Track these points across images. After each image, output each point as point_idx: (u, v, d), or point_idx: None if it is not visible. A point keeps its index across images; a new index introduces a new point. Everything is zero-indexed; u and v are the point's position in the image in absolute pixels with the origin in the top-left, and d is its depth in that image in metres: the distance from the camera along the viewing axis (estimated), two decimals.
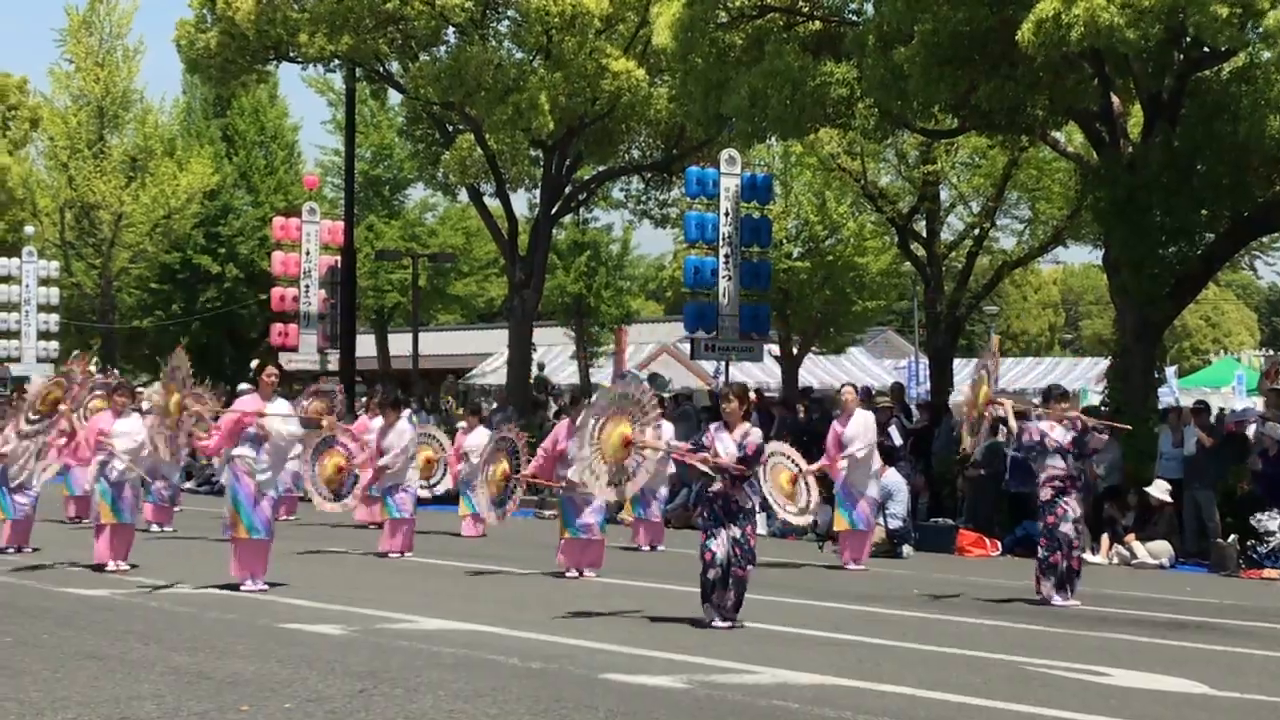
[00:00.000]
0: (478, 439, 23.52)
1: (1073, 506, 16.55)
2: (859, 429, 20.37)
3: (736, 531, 13.73)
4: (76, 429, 18.72)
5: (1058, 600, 16.38)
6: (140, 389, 25.26)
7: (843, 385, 23.04)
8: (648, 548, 22.59)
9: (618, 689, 10.57)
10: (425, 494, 23.53)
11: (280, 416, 16.42)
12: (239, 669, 11.10)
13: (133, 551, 18.54)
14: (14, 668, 11.03)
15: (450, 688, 10.45)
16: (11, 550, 19.78)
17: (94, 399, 20.90)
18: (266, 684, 10.47)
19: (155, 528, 23.28)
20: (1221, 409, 29.44)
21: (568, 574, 18.21)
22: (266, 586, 16.01)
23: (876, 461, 20.70)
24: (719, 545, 13.67)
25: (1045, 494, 16.66)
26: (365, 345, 51.16)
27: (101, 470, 18.15)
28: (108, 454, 18.13)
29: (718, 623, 13.64)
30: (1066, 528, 16.48)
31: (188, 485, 30.17)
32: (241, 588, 15.92)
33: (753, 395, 18.86)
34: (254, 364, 16.93)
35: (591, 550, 18.43)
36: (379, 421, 22.12)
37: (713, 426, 14.29)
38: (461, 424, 26.49)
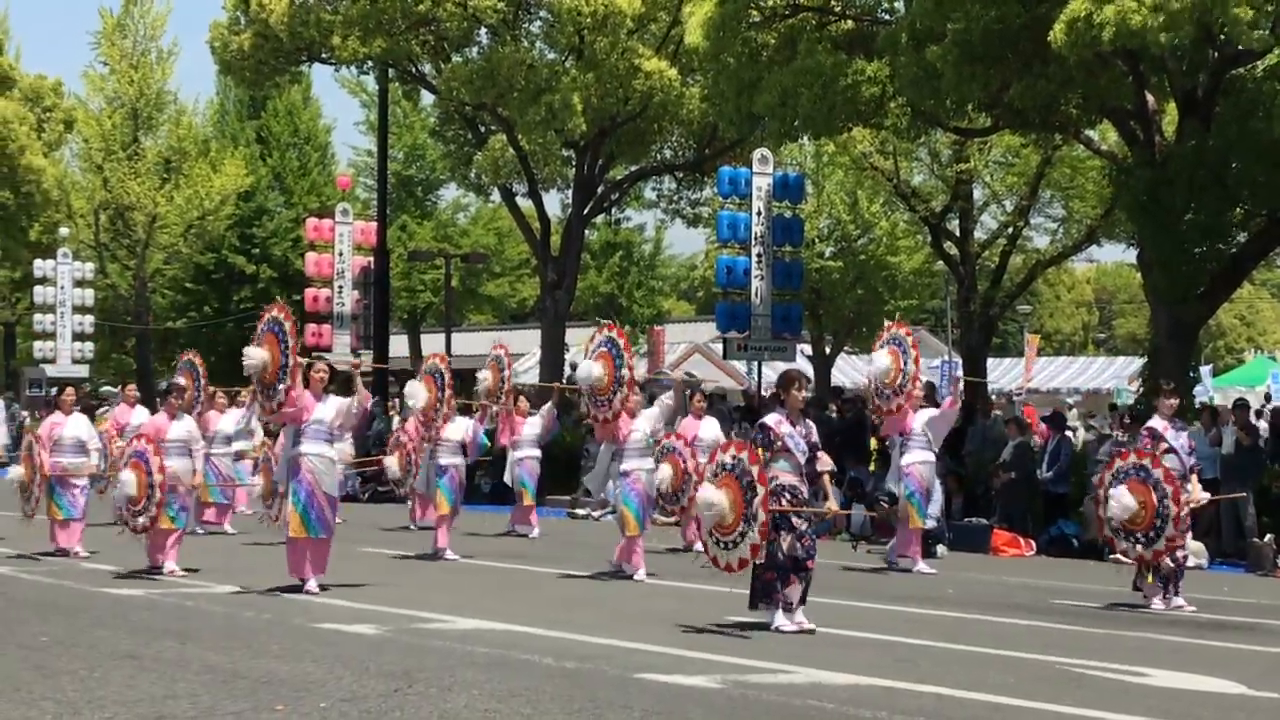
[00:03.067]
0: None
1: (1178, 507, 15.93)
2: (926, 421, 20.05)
3: (804, 525, 13.44)
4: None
5: (1158, 604, 16.03)
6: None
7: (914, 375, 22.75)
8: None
9: (653, 689, 10.54)
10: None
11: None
12: (274, 668, 11.10)
13: (184, 553, 18.52)
14: (51, 667, 11.05)
15: (484, 687, 10.44)
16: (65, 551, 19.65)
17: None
18: (301, 684, 10.47)
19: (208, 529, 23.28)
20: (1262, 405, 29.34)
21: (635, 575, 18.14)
22: (317, 589, 15.86)
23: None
24: (788, 541, 13.30)
25: None
26: (398, 345, 51.34)
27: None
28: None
29: (784, 624, 13.27)
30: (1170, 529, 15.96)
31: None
32: (309, 591, 15.75)
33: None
34: (303, 361, 16.65)
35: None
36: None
37: (781, 421, 13.66)
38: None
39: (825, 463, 14.03)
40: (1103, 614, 15.86)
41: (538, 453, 25.15)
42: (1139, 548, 15.81)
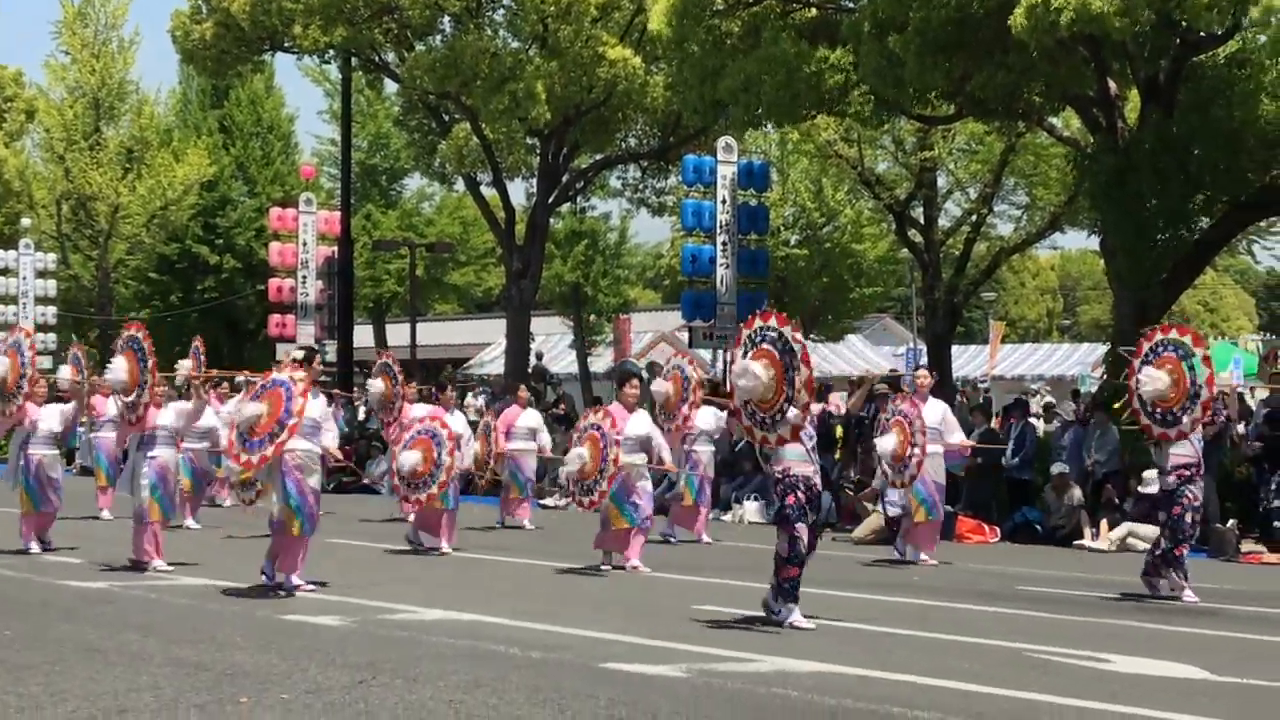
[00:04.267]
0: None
1: (1196, 495, 15.83)
2: (936, 418, 19.86)
3: (814, 517, 13.27)
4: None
5: (1190, 596, 15.67)
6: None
7: (918, 367, 22.73)
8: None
9: (618, 678, 10.55)
10: None
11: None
12: (239, 661, 11.08)
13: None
14: (14, 662, 11.01)
15: (450, 679, 10.43)
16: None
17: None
18: (266, 676, 10.46)
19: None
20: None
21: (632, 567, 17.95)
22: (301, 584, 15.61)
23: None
24: (806, 534, 13.06)
25: (1170, 482, 15.82)
26: (363, 335, 51.17)
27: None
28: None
29: (800, 621, 13.02)
30: (1191, 518, 15.83)
31: None
32: (300, 589, 15.41)
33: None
34: (299, 354, 16.57)
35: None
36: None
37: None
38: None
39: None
40: (1067, 600, 15.90)
41: (531, 445, 25.04)
42: (1168, 429, 15.46)
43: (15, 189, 51.54)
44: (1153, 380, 15.31)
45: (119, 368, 17.59)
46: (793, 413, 12.70)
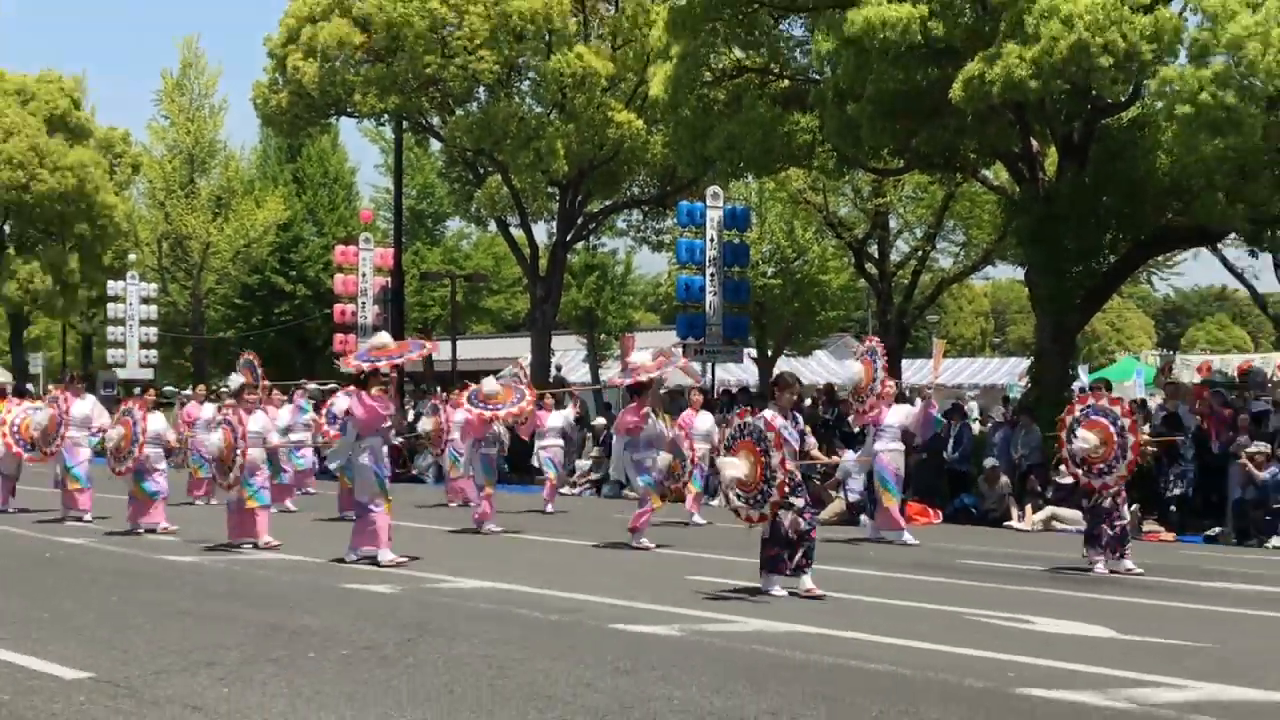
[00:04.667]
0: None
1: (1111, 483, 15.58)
2: (900, 416, 19.70)
3: (801, 501, 13.01)
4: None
5: (1100, 568, 15.55)
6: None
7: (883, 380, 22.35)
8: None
9: (624, 636, 10.54)
10: None
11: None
12: (307, 622, 11.07)
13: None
14: (121, 623, 11.01)
15: (484, 636, 10.42)
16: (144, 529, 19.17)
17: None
18: (329, 635, 10.45)
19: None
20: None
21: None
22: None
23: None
24: (789, 519, 12.79)
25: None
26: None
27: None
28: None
29: (806, 581, 12.85)
30: (1106, 502, 15.69)
31: None
32: (389, 560, 15.27)
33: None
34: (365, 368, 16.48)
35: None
36: None
37: (775, 416, 13.01)
38: None
39: (812, 444, 14.52)
40: (998, 572, 15.86)
41: (560, 442, 24.92)
42: (1097, 480, 15.48)
43: (124, 230, 51.58)
44: (1085, 439, 15.37)
45: (235, 382, 17.83)
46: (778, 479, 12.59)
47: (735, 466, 12.73)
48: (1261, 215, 23.25)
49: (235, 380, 18.72)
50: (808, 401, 27.60)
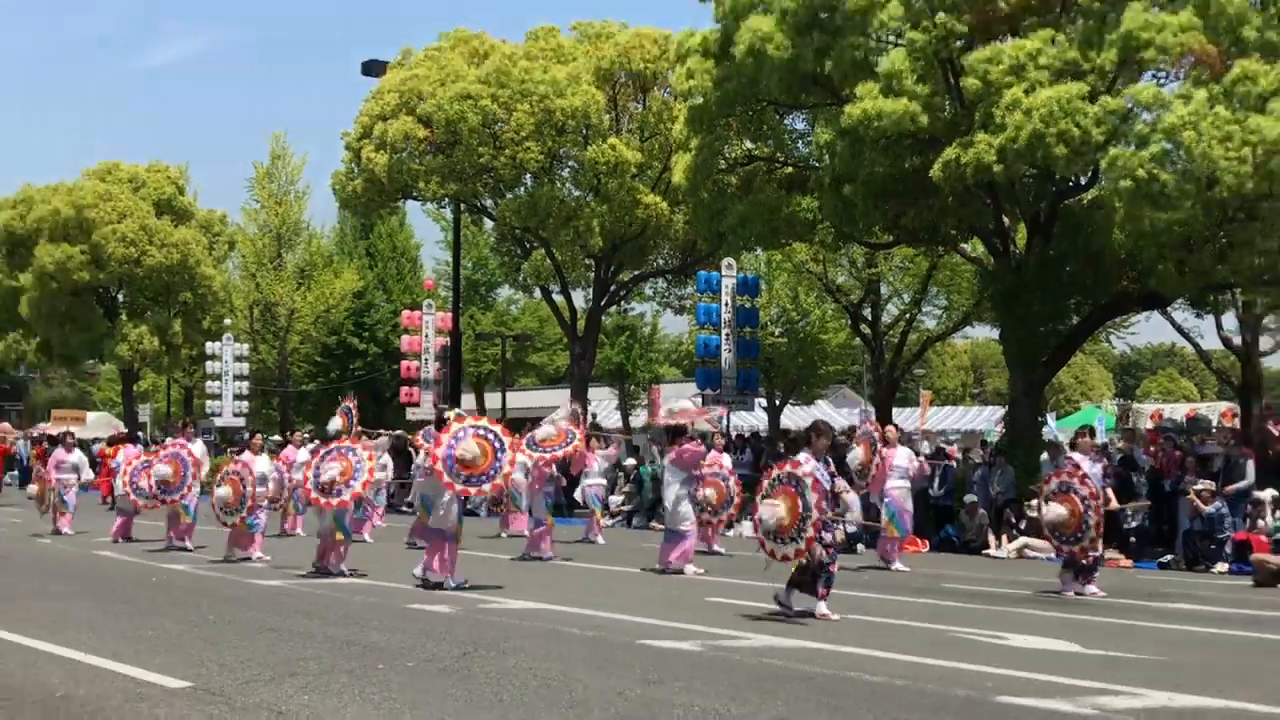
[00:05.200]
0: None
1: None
2: (904, 459, 19.71)
3: (829, 537, 12.91)
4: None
5: (1069, 593, 15.47)
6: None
7: (886, 426, 22.15)
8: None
9: (650, 651, 10.50)
10: None
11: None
12: (376, 639, 11.07)
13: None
14: (216, 638, 11.02)
15: (530, 651, 10.40)
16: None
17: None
18: (396, 649, 10.44)
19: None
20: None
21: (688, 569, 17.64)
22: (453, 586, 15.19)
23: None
24: (819, 551, 12.57)
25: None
26: (468, 401, 51.24)
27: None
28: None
29: (822, 608, 12.60)
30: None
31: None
32: (452, 586, 15.15)
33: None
34: (449, 413, 16.47)
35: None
36: None
37: (809, 459, 12.78)
38: None
39: (843, 486, 14.01)
40: (977, 594, 15.76)
41: (604, 480, 24.87)
42: (1068, 546, 15.46)
43: (220, 298, 51.95)
44: (1054, 511, 15.35)
45: (337, 425, 17.68)
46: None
47: (775, 509, 12.55)
48: (1205, 283, 23.21)
49: (334, 425, 18.54)
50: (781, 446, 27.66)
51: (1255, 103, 19.48)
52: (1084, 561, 15.71)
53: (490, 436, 15.22)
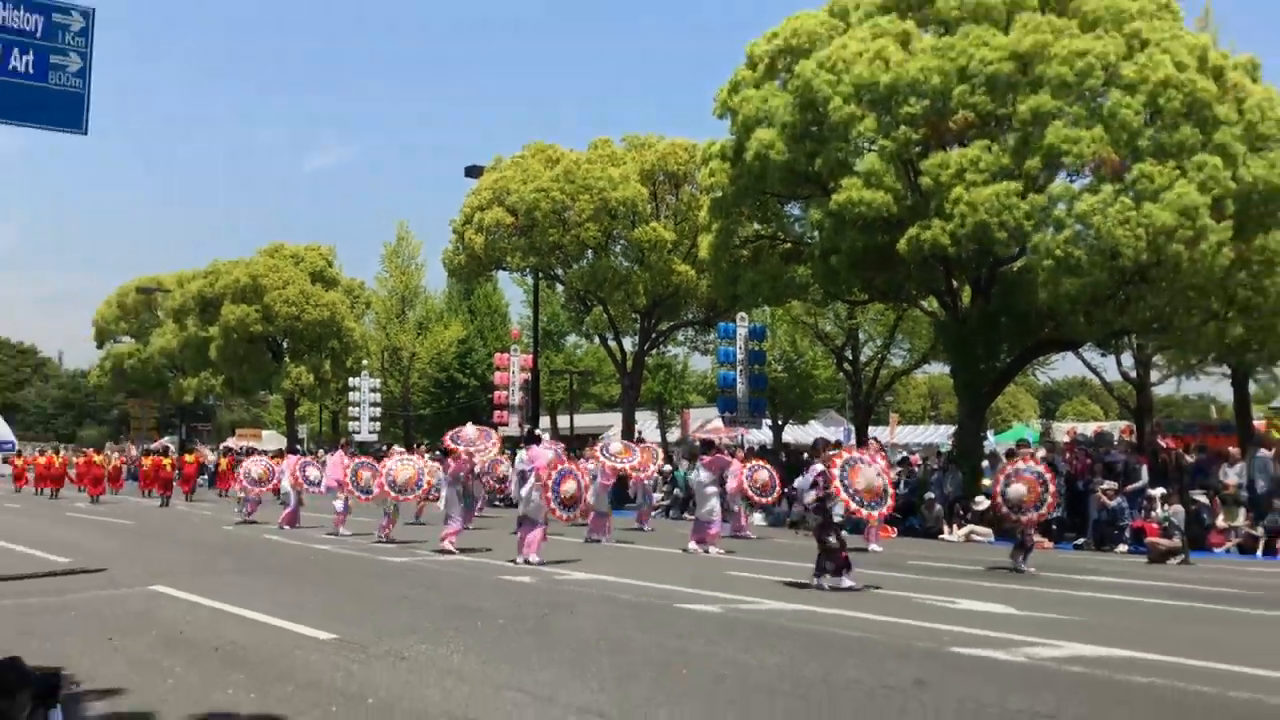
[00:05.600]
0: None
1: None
2: (881, 465, 19.55)
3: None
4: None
5: (1019, 567, 15.28)
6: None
7: (870, 438, 21.99)
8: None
9: (684, 613, 10.48)
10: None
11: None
12: (479, 603, 11.09)
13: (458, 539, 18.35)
14: (355, 602, 11.08)
15: (593, 612, 10.40)
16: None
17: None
18: (492, 611, 10.46)
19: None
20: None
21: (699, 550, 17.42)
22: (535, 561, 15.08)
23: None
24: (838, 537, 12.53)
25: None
26: (544, 423, 51.33)
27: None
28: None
29: (846, 581, 12.34)
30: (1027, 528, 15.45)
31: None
32: (536, 561, 14.99)
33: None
34: (534, 431, 16.59)
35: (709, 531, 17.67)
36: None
37: (818, 466, 12.72)
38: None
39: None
40: (933, 569, 15.62)
41: (650, 482, 24.27)
42: (1024, 516, 15.16)
43: (359, 345, 52.39)
44: (1016, 491, 15.14)
45: (468, 433, 17.39)
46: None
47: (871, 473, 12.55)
48: (1108, 330, 23.06)
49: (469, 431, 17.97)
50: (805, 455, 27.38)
51: (1150, 195, 19.46)
52: (1031, 534, 15.51)
53: (576, 476, 15.81)
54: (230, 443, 54.00)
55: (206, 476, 43.62)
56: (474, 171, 35.80)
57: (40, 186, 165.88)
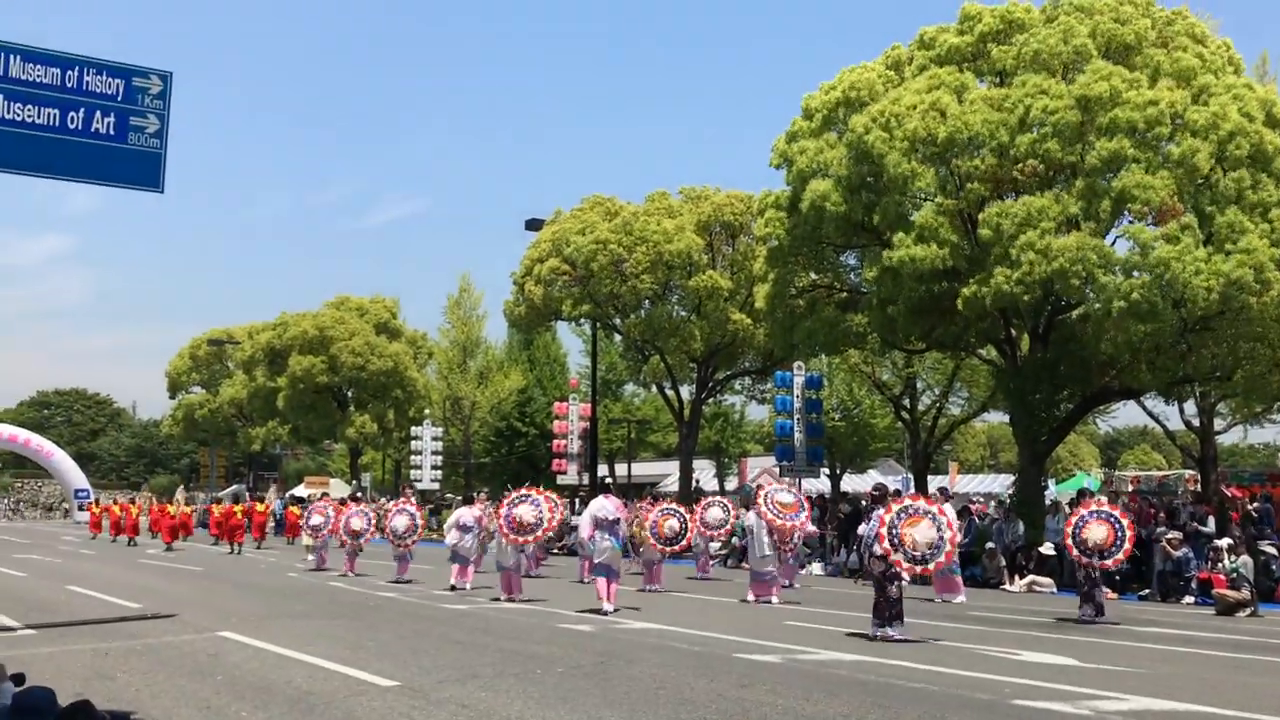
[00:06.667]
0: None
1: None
2: (949, 516, 19.22)
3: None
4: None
5: (1086, 618, 15.04)
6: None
7: (937, 489, 21.69)
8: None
9: (742, 662, 10.38)
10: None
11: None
12: (536, 649, 11.08)
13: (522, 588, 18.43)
14: (415, 648, 11.11)
15: (651, 660, 10.34)
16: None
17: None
18: (549, 657, 10.44)
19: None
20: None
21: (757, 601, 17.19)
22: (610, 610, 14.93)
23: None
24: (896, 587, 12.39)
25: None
26: (602, 470, 51.30)
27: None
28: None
29: (895, 632, 12.16)
30: (1096, 574, 15.08)
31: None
32: (608, 610, 14.87)
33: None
34: (607, 480, 16.66)
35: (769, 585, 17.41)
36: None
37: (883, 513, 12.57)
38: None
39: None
40: (995, 620, 15.33)
41: (711, 532, 23.90)
42: (1103, 560, 14.82)
43: (422, 394, 52.96)
44: (1097, 533, 14.82)
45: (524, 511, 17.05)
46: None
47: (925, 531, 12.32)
48: (1171, 379, 22.67)
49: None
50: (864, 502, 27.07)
51: (1219, 243, 19.34)
52: (1100, 586, 15.13)
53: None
54: (298, 490, 54.60)
55: (274, 523, 44.12)
56: (534, 224, 36.20)
57: (118, 243, 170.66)
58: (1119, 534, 14.81)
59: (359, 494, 33.16)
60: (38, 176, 12.38)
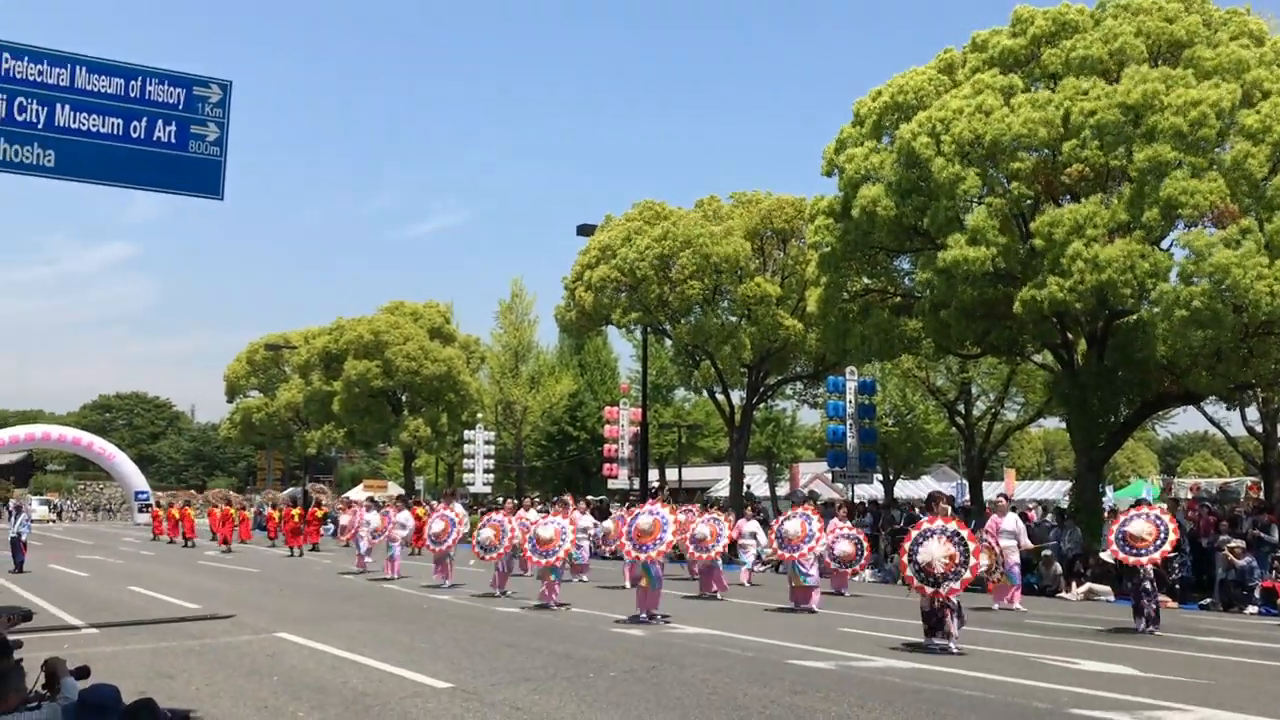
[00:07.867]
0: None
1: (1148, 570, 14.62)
2: (1012, 524, 19.00)
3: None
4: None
5: (1141, 629, 14.56)
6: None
7: (998, 496, 21.47)
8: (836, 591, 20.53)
9: (794, 668, 10.32)
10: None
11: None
12: (587, 653, 11.09)
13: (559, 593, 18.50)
14: (468, 651, 11.18)
15: (702, 665, 10.31)
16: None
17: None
18: (601, 661, 10.45)
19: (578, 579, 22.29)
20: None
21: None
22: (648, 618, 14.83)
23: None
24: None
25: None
26: (653, 475, 51.29)
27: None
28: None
29: (952, 646, 11.87)
30: (1146, 584, 14.66)
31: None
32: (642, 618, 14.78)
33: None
34: (658, 487, 16.52)
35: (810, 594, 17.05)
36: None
37: (931, 520, 12.35)
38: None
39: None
40: (1051, 628, 15.08)
41: (754, 541, 23.24)
42: (1144, 557, 14.28)
43: (475, 398, 53.22)
44: (1138, 527, 14.44)
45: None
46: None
47: (930, 552, 12.01)
48: (1232, 383, 22.21)
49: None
50: (917, 510, 26.84)
51: (1276, 250, 18.95)
52: (1149, 608, 14.71)
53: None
54: (353, 494, 55.22)
55: (332, 526, 44.62)
56: (585, 230, 36.27)
57: (179, 250, 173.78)
58: (1162, 531, 14.47)
59: (412, 498, 33.44)
60: (102, 184, 12.66)
